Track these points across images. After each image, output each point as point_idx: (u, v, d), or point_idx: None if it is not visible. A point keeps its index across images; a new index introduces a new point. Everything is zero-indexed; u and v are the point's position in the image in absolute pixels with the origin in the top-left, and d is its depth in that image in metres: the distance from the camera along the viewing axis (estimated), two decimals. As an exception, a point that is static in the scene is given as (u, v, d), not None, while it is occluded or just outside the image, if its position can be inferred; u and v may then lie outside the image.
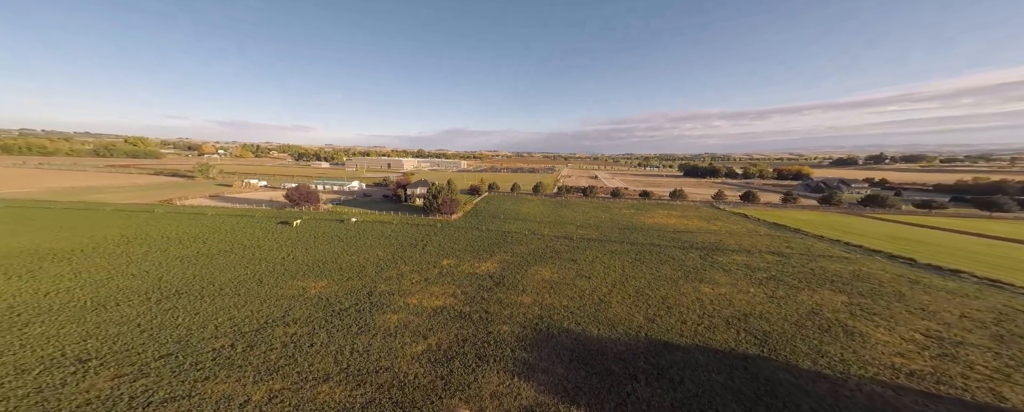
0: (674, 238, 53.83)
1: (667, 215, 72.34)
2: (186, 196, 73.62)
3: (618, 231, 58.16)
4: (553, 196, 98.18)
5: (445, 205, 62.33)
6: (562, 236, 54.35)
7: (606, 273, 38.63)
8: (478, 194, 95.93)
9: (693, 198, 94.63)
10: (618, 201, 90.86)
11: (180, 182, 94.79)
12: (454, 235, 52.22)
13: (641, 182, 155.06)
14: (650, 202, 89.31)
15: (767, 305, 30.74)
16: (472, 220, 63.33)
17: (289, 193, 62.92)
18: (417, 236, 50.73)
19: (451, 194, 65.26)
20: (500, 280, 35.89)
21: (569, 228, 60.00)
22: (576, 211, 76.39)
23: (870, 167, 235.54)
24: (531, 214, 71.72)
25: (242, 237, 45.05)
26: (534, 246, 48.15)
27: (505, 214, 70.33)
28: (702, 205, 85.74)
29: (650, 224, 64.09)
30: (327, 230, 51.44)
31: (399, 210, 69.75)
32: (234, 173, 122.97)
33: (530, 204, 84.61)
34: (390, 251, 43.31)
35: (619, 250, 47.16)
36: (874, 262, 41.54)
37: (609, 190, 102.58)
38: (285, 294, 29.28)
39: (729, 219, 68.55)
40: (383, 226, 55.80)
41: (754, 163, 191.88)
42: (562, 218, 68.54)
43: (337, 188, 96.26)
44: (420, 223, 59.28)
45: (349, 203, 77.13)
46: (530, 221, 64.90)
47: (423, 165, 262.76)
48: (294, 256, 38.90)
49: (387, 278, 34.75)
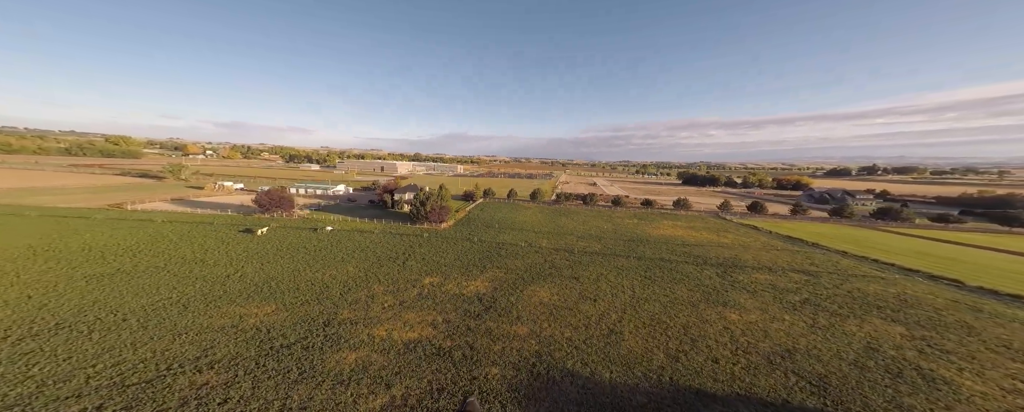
0: (685, 252, 48.75)
1: (673, 226, 67.51)
2: (144, 199, 66.88)
3: (623, 244, 52.97)
4: (551, 203, 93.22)
5: (434, 213, 56.73)
6: (562, 249, 48.97)
7: (614, 294, 33.22)
8: (472, 200, 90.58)
9: (697, 208, 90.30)
10: (620, 210, 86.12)
11: (146, 183, 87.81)
12: (442, 247, 46.55)
13: (641, 190, 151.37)
14: (654, 211, 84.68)
15: (811, 337, 25.48)
16: (464, 229, 57.76)
17: (258, 197, 56.74)
18: (399, 248, 44.94)
19: (441, 201, 59.77)
20: (491, 303, 30.29)
21: (569, 240, 54.69)
22: (576, 220, 71.27)
23: (864, 178, 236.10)
24: (528, 223, 66.39)
25: (186, 249, 38.74)
26: (531, 261, 42.65)
27: (500, 223, 64.89)
28: (708, 215, 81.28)
29: (656, 236, 59.08)
30: (295, 240, 45.39)
31: (385, 217, 63.94)
32: (211, 174, 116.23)
33: (527, 212, 79.38)
34: (364, 266, 37.43)
35: (626, 266, 41.85)
36: (916, 283, 36.70)
37: (610, 198, 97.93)
38: (213, 325, 23.22)
39: (739, 231, 63.90)
40: (362, 236, 49.90)
41: (753, 172, 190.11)
42: (561, 228, 63.30)
43: (320, 192, 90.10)
44: (405, 233, 53.50)
45: (330, 209, 71.09)
46: (527, 231, 59.50)
47: (418, 169, 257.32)
48: (243, 273, 32.79)
49: (353, 301, 28.88)
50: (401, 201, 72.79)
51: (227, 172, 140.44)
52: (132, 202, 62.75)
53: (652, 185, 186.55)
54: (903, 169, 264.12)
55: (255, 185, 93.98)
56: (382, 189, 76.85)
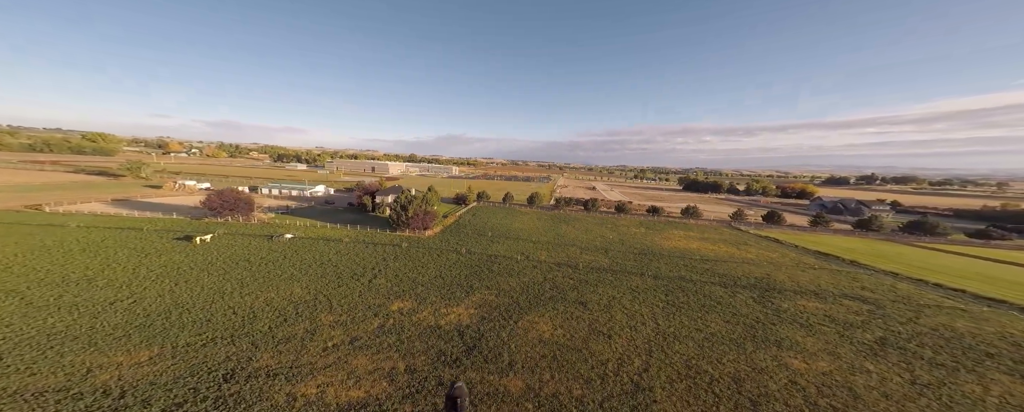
0: (706, 269, 41.70)
1: (685, 237, 60.63)
2: (78, 199, 57.95)
3: (633, 257, 45.79)
4: (550, 209, 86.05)
5: (416, 218, 49.03)
6: (564, 263, 41.61)
7: (633, 327, 25.98)
8: (464, 204, 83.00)
9: (707, 216, 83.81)
10: (624, 217, 79.24)
11: (96, 182, 78.59)
12: (422, 260, 38.87)
13: (642, 195, 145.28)
14: (661, 220, 77.91)
15: (920, 402, 18.36)
16: (451, 238, 50.11)
17: (208, 199, 48.34)
18: (368, 261, 37.14)
19: (426, 205, 52.11)
20: (475, 341, 22.93)
21: (572, 252, 47.37)
22: (578, 229, 64.06)
23: (863, 187, 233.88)
24: (525, 231, 58.96)
25: (81, 264, 30.34)
26: (528, 278, 35.20)
27: (494, 230, 57.37)
28: (720, 225, 74.70)
29: (669, 248, 52.05)
30: (240, 251, 37.29)
31: (363, 223, 56.02)
32: (178, 173, 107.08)
33: (524, 218, 72.00)
34: (317, 286, 29.61)
35: (642, 287, 34.61)
36: (1015, 319, 29.89)
37: (612, 204, 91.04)
38: (34, 385, 15.23)
39: (760, 244, 57.19)
40: (326, 246, 41.94)
41: (755, 179, 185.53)
42: (562, 237, 55.98)
43: (295, 193, 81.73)
44: (380, 242, 45.65)
45: (301, 213, 62.89)
46: (523, 240, 52.04)
47: (412, 170, 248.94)
48: (139, 298, 24.71)
49: (284, 339, 21.15)
50: (383, 204, 64.93)
51: (201, 170, 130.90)
52: (60, 203, 53.80)
53: (653, 190, 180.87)
54: (901, 179, 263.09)
55: (229, 184, 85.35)
56: (362, 190, 68.89)
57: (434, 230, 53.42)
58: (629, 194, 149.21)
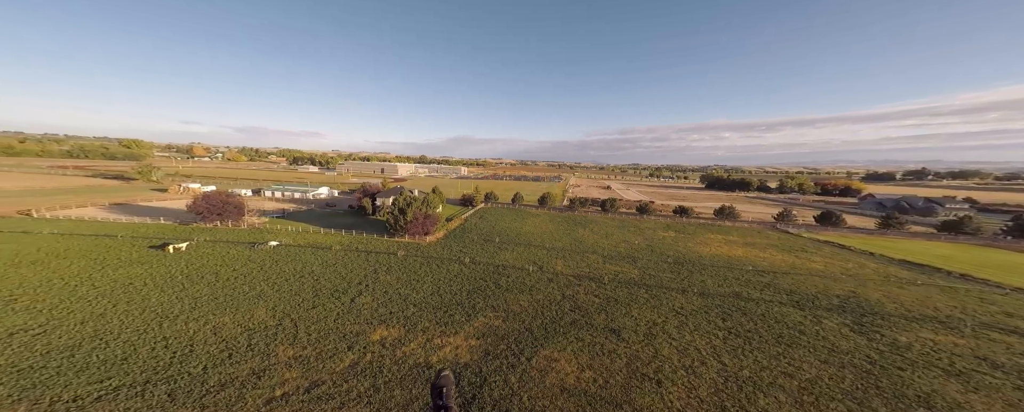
0: (766, 284, 33.92)
1: (726, 242, 52.40)
2: (75, 204, 55.92)
3: (669, 268, 38.50)
4: (564, 210, 79.14)
5: (416, 223, 43.59)
6: (586, 275, 34.94)
7: (689, 368, 19.38)
8: (471, 206, 77.41)
9: (745, 217, 74.41)
10: (649, 219, 71.30)
11: (108, 186, 78.16)
12: (418, 272, 33.26)
13: (663, 194, 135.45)
14: (692, 221, 69.44)
15: None
16: (454, 244, 44.39)
17: (194, 203, 44.58)
18: (356, 274, 31.81)
19: (427, 207, 46.62)
20: (475, 390, 17.07)
21: (593, 260, 40.58)
22: (597, 232, 56.99)
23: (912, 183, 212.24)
24: (537, 235, 52.50)
25: (11, 280, 25.93)
26: (543, 296, 28.88)
27: (502, 235, 51.27)
28: (764, 228, 65.39)
29: (710, 256, 44.28)
30: (214, 262, 32.75)
31: (360, 227, 51.25)
32: (189, 176, 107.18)
33: (535, 220, 65.50)
34: (286, 307, 24.37)
35: (688, 307, 27.57)
36: None
37: (633, 204, 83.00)
38: None
39: (822, 251, 48.16)
40: (313, 254, 36.99)
41: (790, 175, 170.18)
42: (581, 243, 49.18)
43: (298, 195, 78.52)
44: (374, 250, 40.41)
45: (298, 216, 58.92)
46: (536, 247, 45.66)
47: (421, 170, 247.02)
48: (54, 327, 19.95)
49: (217, 385, 15.82)
50: (384, 207, 60.08)
51: (213, 174, 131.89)
52: (53, 208, 51.73)
53: (673, 189, 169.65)
54: (959, 174, 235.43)
55: (238, 186, 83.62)
56: (361, 192, 64.41)
57: (436, 235, 47.84)
58: (648, 193, 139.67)
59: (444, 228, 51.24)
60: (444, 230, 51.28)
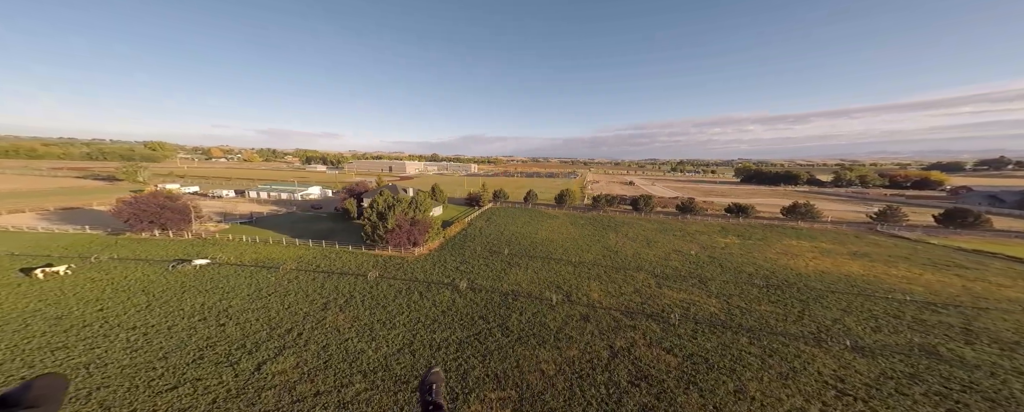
0: (949, 326, 20.85)
1: (820, 251, 38.80)
2: (5, 210, 48.81)
3: (762, 294, 25.96)
4: (586, 210, 66.89)
5: (399, 231, 32.86)
6: (639, 310, 23.12)
7: None
8: (478, 206, 66.50)
9: (829, 216, 58.82)
10: (694, 220, 57.89)
11: (91, 186, 72.81)
12: (390, 307, 22.54)
13: (697, 190, 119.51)
14: (752, 223, 55.40)
15: None
16: (451, 259, 33.49)
17: (118, 210, 35.42)
18: (292, 313, 21.34)
19: (416, 210, 35.81)
20: None
21: (641, 281, 28.58)
22: (634, 238, 44.58)
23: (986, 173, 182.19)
24: (558, 243, 40.81)
25: None
26: (578, 350, 17.66)
27: (514, 243, 40.00)
28: (859, 230, 50.23)
29: (812, 273, 31.19)
30: (93, 292, 23.25)
31: (339, 235, 41.42)
32: (182, 176, 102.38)
33: (553, 223, 53.70)
34: (128, 384, 13.88)
35: (848, 377, 15.19)
36: None
37: (669, 201, 69.21)
38: None
39: (991, 267, 33.19)
40: (249, 278, 26.91)
41: (848, 168, 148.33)
42: (617, 254, 37.10)
43: (285, 196, 70.16)
44: (338, 269, 30.01)
45: (273, 221, 49.86)
46: (558, 261, 34.01)
47: (430, 168, 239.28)
48: None
49: None
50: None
51: (212, 174, 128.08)
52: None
53: (706, 184, 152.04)
54: None
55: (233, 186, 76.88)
56: (346, 192, 54.70)
57: (429, 246, 37.07)
58: (678, 189, 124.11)
59: (440, 236, 40.40)
60: (440, 238, 40.46)
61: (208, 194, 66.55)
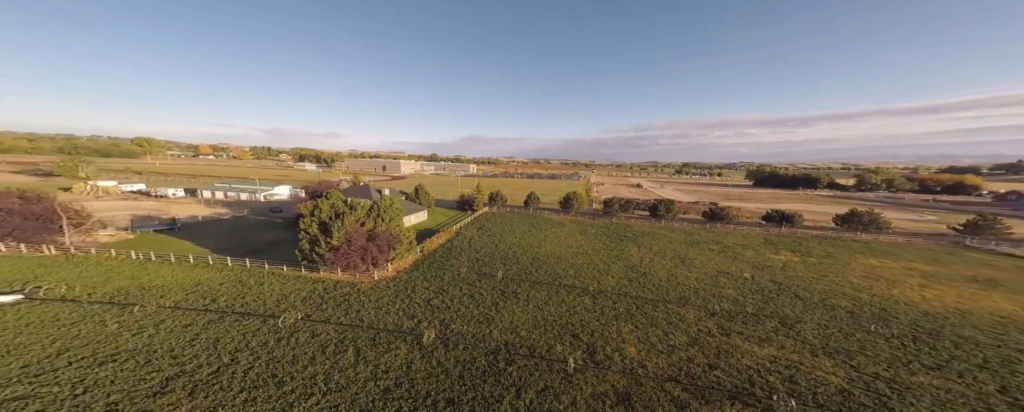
0: None
1: (913, 272, 29.52)
2: None
3: (891, 348, 16.42)
4: (596, 215, 57.53)
5: (348, 250, 23.27)
6: (713, 382, 13.38)
7: None
8: (471, 210, 57.01)
9: (897, 226, 49.03)
10: (727, 230, 48.49)
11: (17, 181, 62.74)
12: (286, 384, 12.64)
13: (711, 193, 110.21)
14: (800, 234, 45.88)
15: None
16: (425, 285, 24.13)
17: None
18: (96, 407, 11.47)
19: (378, 219, 26.21)
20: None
21: (695, 322, 19.10)
22: (663, 254, 35.09)
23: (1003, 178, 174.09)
24: (567, 261, 31.32)
25: None
26: None
27: (510, 260, 30.56)
28: (943, 244, 40.77)
29: (940, 310, 21.87)
30: None
31: (284, 246, 31.64)
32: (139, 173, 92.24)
33: (559, 232, 44.26)
34: None
35: None
36: None
37: (694, 208, 59.57)
38: None
39: None
40: (77, 324, 17.22)
41: (873, 171, 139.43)
42: (646, 276, 27.64)
43: (245, 196, 60.33)
44: (239, 308, 20.27)
45: (204, 227, 40.20)
46: (569, 288, 24.50)
47: (427, 168, 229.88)
48: None
49: None
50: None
51: (175, 171, 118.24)
52: None
53: (717, 187, 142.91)
54: None
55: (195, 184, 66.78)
56: (308, 194, 45.14)
57: (398, 265, 27.53)
58: (689, 192, 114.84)
59: (413, 251, 30.72)
60: (415, 254, 30.91)
61: (152, 193, 56.78)
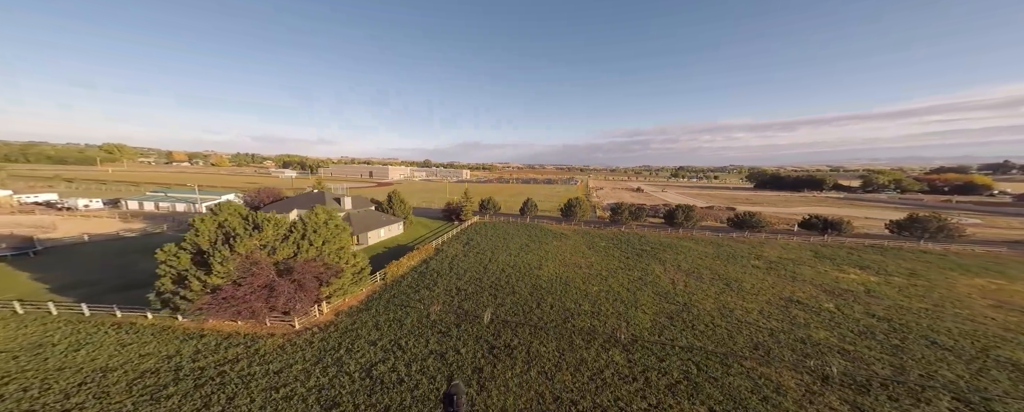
0: None
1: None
2: None
3: None
4: (601, 224, 49.73)
5: (233, 292, 14.44)
6: None
7: None
8: (458, 220, 48.55)
9: (972, 231, 41.91)
10: (756, 238, 41.07)
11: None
12: None
13: (717, 197, 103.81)
14: (854, 244, 38.42)
15: None
16: (374, 330, 15.87)
17: None
18: None
19: (304, 238, 17.55)
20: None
21: (803, 404, 10.61)
22: (698, 274, 27.25)
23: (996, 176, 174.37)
24: (577, 288, 23.24)
25: None
26: None
27: (503, 291, 22.28)
28: (1012, 252, 34.06)
29: None
30: None
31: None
32: (71, 180, 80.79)
33: (562, 247, 36.16)
34: None
35: None
36: None
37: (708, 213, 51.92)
38: None
39: None
40: None
41: (880, 172, 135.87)
42: (691, 313, 19.56)
43: (182, 207, 50.05)
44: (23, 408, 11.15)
45: (91, 249, 30.88)
46: (587, 335, 16.14)
47: (418, 173, 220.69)
48: None
49: None
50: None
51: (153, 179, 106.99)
52: None
53: (717, 190, 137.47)
54: None
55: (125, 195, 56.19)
56: (248, 204, 36.25)
57: (342, 303, 18.87)
58: (693, 196, 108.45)
59: (361, 283, 21.88)
60: (369, 286, 22.21)
61: (59, 205, 46.66)
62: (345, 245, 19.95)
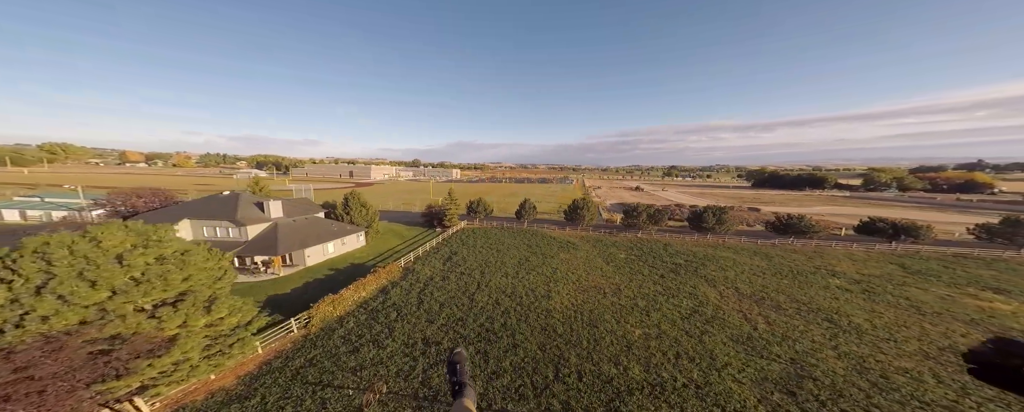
0: None
1: None
2: None
3: None
4: (612, 229, 41.41)
5: None
6: None
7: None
8: (441, 226, 39.16)
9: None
10: (804, 246, 33.67)
11: None
12: None
13: (722, 196, 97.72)
14: (923, 250, 31.48)
15: None
16: None
17: None
18: None
19: (32, 295, 8.07)
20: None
21: None
22: (774, 304, 19.19)
23: None
24: (607, 329, 14.69)
25: None
26: None
27: (503, 343, 13.40)
28: None
29: None
30: None
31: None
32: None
33: (572, 260, 27.60)
34: None
35: None
36: None
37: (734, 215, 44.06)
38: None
39: None
40: None
41: (880, 170, 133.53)
42: (822, 385, 10.84)
43: (57, 215, 37.64)
44: None
45: None
46: None
47: (403, 174, 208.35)
48: None
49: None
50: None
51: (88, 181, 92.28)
52: None
53: (718, 189, 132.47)
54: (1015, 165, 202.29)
55: None
56: (108, 212, 25.95)
57: (179, 392, 9.44)
58: (696, 195, 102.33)
59: (243, 349, 12.46)
60: (256, 352, 12.92)
61: None
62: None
